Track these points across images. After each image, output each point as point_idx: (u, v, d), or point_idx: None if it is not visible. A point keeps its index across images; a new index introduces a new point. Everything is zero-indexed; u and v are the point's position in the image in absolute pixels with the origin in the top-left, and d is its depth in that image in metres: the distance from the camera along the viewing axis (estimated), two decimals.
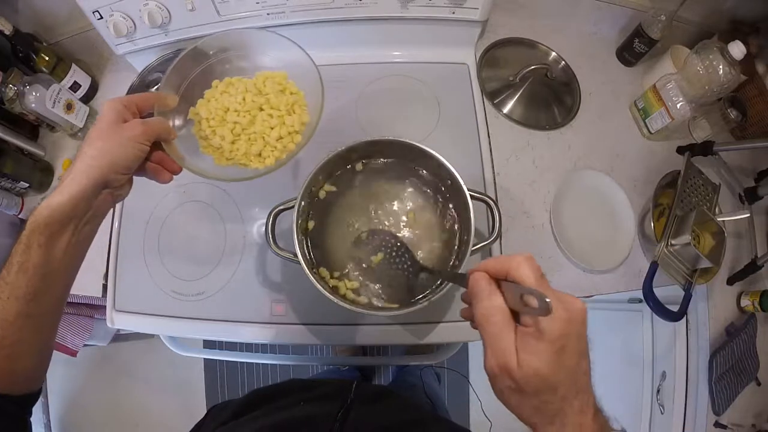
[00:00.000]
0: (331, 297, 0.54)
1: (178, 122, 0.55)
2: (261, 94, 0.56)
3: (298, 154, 0.55)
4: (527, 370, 0.30)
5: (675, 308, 0.66)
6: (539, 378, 0.30)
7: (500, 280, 0.33)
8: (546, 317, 0.29)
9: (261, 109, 0.55)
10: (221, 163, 0.54)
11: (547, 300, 0.28)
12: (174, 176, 0.47)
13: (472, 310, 0.33)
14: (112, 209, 0.43)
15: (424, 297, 0.56)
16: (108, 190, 0.41)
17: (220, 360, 1.58)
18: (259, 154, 0.54)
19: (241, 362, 1.60)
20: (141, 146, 0.42)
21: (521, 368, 0.30)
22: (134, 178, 0.45)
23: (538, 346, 0.29)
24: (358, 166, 0.66)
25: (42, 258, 0.38)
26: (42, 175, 0.83)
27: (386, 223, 0.64)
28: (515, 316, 0.32)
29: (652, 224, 0.72)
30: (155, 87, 0.77)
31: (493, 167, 0.77)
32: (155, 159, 0.45)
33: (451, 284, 0.54)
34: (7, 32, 0.74)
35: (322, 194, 0.64)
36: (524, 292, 0.30)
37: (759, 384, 0.80)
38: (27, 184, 0.80)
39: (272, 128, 0.54)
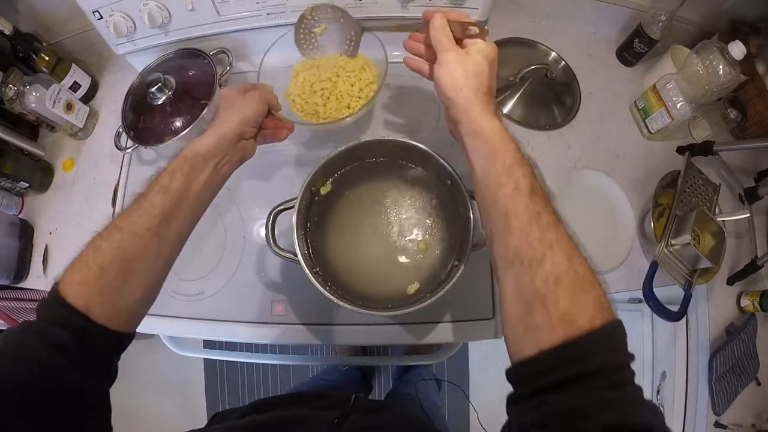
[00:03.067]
0: (331, 297, 0.54)
1: None
2: (335, 65, 0.69)
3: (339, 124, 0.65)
4: (474, 49, 0.45)
5: (675, 308, 0.66)
6: (483, 56, 0.44)
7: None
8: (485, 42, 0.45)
9: (338, 75, 0.68)
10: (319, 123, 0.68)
11: (486, 28, 0.47)
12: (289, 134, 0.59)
13: (423, 37, 0.50)
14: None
15: (425, 297, 0.56)
16: (243, 142, 0.51)
17: (220, 360, 1.58)
18: (348, 107, 0.68)
19: (241, 362, 1.60)
20: (262, 106, 0.52)
21: (470, 48, 0.45)
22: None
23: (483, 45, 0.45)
24: (358, 166, 0.66)
25: (183, 185, 0.43)
26: (42, 175, 0.83)
27: (386, 221, 0.64)
28: None
29: (652, 224, 0.72)
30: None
31: None
32: (270, 125, 0.56)
33: (450, 285, 0.54)
34: (7, 32, 0.74)
35: (322, 194, 0.64)
36: (470, 27, 0.46)
37: (759, 384, 0.79)
38: (27, 184, 0.80)
39: (352, 85, 0.68)
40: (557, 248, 0.34)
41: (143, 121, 0.74)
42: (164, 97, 0.73)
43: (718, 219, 0.72)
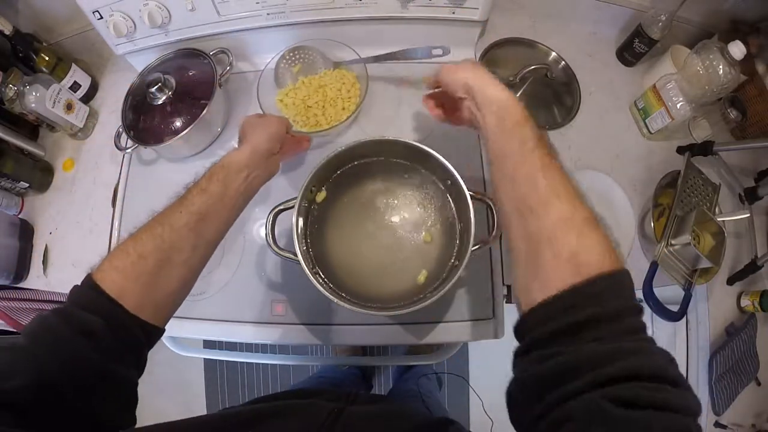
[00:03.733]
0: (331, 297, 0.54)
1: None
2: (316, 79, 0.79)
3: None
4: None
5: (675, 308, 0.66)
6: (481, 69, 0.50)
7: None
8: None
9: (322, 86, 0.77)
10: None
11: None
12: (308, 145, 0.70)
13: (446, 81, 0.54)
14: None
15: (424, 297, 0.56)
16: (271, 157, 0.55)
17: (220, 360, 1.58)
18: (343, 108, 0.76)
19: (241, 362, 1.60)
20: (282, 125, 0.58)
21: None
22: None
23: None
24: (358, 166, 0.66)
25: (219, 189, 0.47)
26: (42, 175, 0.83)
27: (386, 220, 0.64)
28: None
29: (652, 224, 0.72)
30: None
31: None
32: (289, 140, 0.62)
33: (450, 285, 0.54)
34: (7, 32, 0.74)
35: (322, 194, 0.64)
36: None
37: (759, 384, 0.80)
38: (27, 184, 0.80)
39: (339, 89, 0.77)
40: (563, 196, 0.36)
41: (143, 121, 0.75)
42: (164, 97, 0.73)
43: (718, 219, 0.72)
